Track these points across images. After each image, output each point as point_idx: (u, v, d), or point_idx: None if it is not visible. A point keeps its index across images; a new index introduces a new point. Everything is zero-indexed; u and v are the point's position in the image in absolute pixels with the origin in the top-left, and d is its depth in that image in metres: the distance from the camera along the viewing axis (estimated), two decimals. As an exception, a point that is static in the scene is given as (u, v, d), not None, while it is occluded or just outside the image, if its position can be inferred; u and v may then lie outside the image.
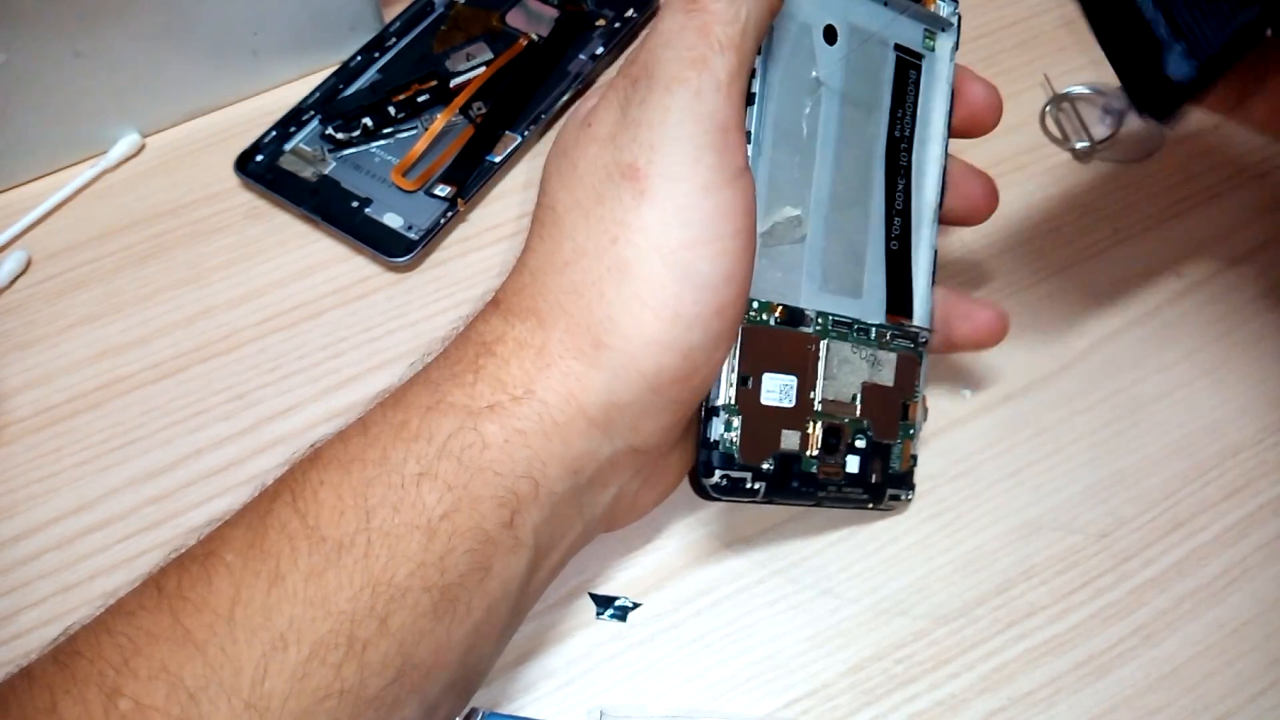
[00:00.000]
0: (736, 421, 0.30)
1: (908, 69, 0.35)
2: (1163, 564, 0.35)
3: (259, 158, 0.43)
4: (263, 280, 0.41)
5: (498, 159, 0.43)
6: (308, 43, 0.45)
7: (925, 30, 0.35)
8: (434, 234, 0.41)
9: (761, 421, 0.31)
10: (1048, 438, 0.37)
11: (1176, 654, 0.33)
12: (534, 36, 0.46)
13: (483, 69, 0.45)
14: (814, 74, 0.32)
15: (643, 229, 0.27)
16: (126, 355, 0.39)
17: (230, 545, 0.25)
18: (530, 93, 0.44)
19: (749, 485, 0.31)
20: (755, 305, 0.31)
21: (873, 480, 0.33)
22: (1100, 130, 0.44)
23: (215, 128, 0.45)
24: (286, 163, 0.43)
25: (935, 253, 0.35)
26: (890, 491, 0.34)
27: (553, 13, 0.47)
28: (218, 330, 0.40)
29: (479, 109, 0.44)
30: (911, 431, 0.34)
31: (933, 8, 0.35)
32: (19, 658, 0.33)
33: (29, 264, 0.41)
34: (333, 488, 0.26)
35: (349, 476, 0.26)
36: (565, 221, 0.28)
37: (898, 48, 0.34)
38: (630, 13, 0.47)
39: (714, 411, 0.30)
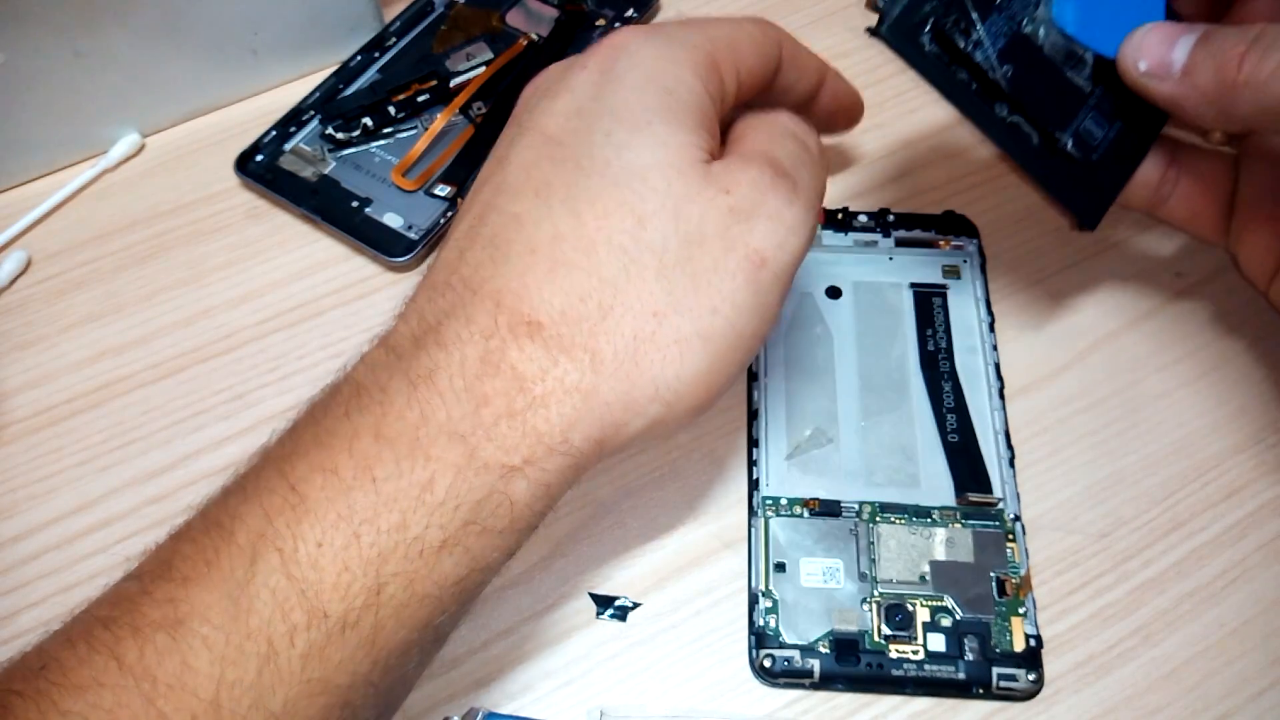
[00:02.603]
0: (774, 605, 0.33)
1: (930, 298, 0.39)
2: (1163, 564, 0.35)
3: (259, 158, 0.43)
4: (263, 280, 0.41)
5: (498, 159, 0.43)
6: (308, 43, 0.45)
7: (944, 266, 0.39)
8: (434, 234, 0.41)
9: (807, 603, 0.33)
10: (1048, 438, 0.37)
11: (1176, 654, 0.33)
12: (534, 36, 0.46)
13: (483, 69, 0.45)
14: (821, 326, 0.38)
15: (741, 310, 0.27)
16: (126, 355, 0.39)
17: (203, 614, 0.22)
18: (530, 93, 0.44)
19: (800, 664, 0.32)
20: (786, 500, 0.35)
21: (969, 658, 0.32)
22: (1100, 130, 0.44)
23: (215, 128, 0.45)
24: (286, 163, 0.43)
25: (1008, 437, 0.36)
26: (1000, 672, 0.32)
27: (553, 13, 0.47)
28: (218, 330, 0.40)
29: (479, 109, 0.44)
30: (1022, 610, 0.33)
31: (947, 248, 0.40)
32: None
33: (29, 264, 0.41)
34: (336, 553, 0.23)
35: (358, 542, 0.23)
36: (673, 276, 0.26)
37: (914, 284, 0.39)
38: (630, 12, 0.47)
39: (755, 597, 0.33)
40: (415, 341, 0.26)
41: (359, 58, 0.46)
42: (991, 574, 0.33)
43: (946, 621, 0.33)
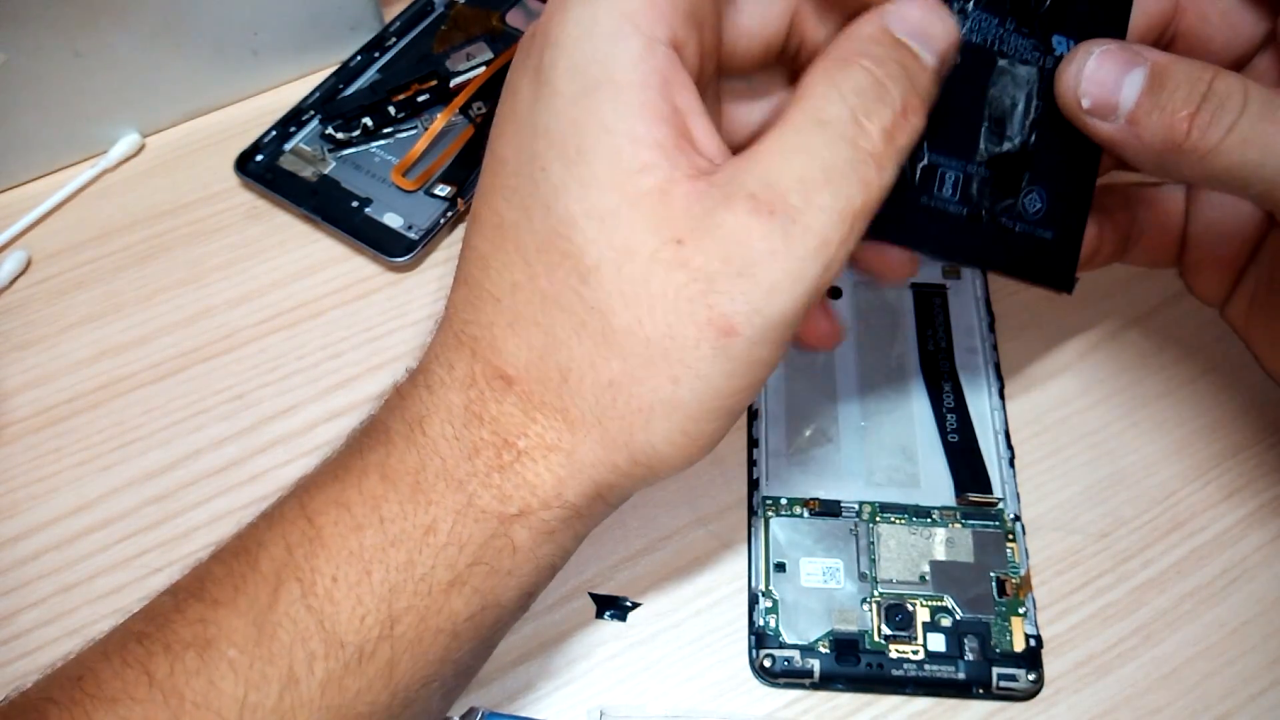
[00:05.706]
0: (774, 605, 0.33)
1: (931, 298, 0.39)
2: (1163, 564, 0.35)
3: (259, 158, 0.43)
4: (263, 280, 0.41)
5: (498, 159, 0.43)
6: (308, 43, 0.45)
7: (943, 266, 0.39)
8: (434, 234, 0.41)
9: (807, 603, 0.33)
10: (1048, 438, 0.37)
11: (1176, 654, 0.33)
12: (534, 36, 0.46)
13: (483, 69, 0.45)
14: None
15: (708, 379, 0.24)
16: (126, 355, 0.39)
17: (230, 637, 0.23)
18: (530, 93, 0.44)
19: (800, 664, 0.32)
20: (785, 500, 0.35)
21: (969, 658, 0.32)
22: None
23: (215, 128, 0.45)
24: (286, 163, 0.43)
25: (1008, 437, 0.36)
26: (1000, 672, 0.32)
27: (553, 13, 0.47)
28: (218, 330, 0.40)
29: (479, 109, 0.44)
30: (1022, 610, 0.33)
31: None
32: (18, 657, 0.33)
33: (29, 264, 0.41)
34: (350, 587, 0.24)
35: (369, 578, 0.24)
36: (622, 343, 0.24)
37: (914, 284, 0.39)
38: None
39: (755, 597, 0.33)
40: (412, 380, 0.27)
41: (359, 58, 0.46)
42: (991, 574, 0.33)
43: (946, 621, 0.33)
